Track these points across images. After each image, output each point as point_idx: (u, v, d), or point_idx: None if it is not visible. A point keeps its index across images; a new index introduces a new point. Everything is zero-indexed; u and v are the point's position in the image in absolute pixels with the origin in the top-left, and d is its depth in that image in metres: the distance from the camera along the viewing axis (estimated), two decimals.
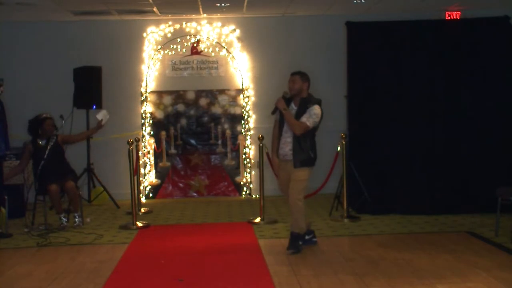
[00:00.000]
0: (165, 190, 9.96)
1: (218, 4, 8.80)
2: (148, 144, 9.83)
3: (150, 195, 9.88)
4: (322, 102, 6.22)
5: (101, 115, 8.01)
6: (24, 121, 8.02)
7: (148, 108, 9.87)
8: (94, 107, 9.19)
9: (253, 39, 9.95)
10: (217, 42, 9.90)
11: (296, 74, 6.27)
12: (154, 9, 9.00)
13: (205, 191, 9.92)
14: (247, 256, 6.16)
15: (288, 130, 6.17)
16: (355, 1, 8.77)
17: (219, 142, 9.99)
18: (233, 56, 9.86)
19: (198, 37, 9.90)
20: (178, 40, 9.88)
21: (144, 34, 9.84)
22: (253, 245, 6.57)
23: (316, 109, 6.12)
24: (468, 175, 8.18)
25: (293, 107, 6.23)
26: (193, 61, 9.98)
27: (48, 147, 7.71)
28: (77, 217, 7.71)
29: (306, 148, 6.13)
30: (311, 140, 6.23)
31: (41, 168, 7.62)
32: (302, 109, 6.13)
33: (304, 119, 6.07)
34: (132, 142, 7.98)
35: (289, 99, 6.26)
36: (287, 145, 6.19)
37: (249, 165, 9.84)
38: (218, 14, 9.65)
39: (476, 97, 8.33)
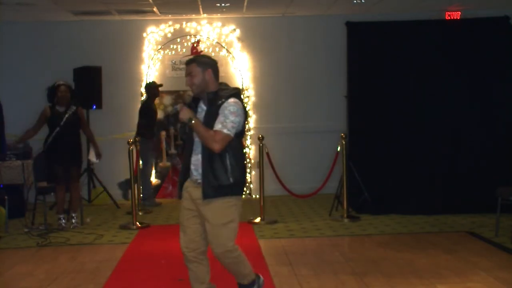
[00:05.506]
0: (165, 190, 9.95)
1: (218, 4, 8.79)
2: None
3: None
4: (241, 91, 4.31)
5: (92, 156, 7.92)
6: (24, 122, 8.01)
7: None
8: (94, 107, 9.19)
9: (253, 39, 9.94)
10: (217, 42, 9.90)
11: (192, 62, 4.18)
12: (154, 9, 9.00)
13: None
14: (247, 256, 6.07)
15: (200, 144, 4.16)
16: (355, 1, 8.77)
17: None
18: (233, 56, 9.86)
19: (198, 37, 9.89)
20: (178, 40, 9.88)
21: (144, 34, 9.84)
22: (253, 245, 6.57)
23: (232, 105, 4.08)
24: (468, 175, 8.17)
25: (203, 107, 4.24)
26: None
27: (66, 115, 7.40)
28: (74, 217, 7.67)
29: (221, 168, 4.11)
30: (235, 155, 4.17)
31: (54, 135, 7.33)
32: (214, 110, 4.12)
33: (219, 126, 4.03)
34: (132, 142, 7.97)
35: (196, 100, 4.30)
36: (198, 165, 4.17)
37: (249, 165, 9.83)
38: (218, 14, 9.64)
39: (476, 97, 8.33)
